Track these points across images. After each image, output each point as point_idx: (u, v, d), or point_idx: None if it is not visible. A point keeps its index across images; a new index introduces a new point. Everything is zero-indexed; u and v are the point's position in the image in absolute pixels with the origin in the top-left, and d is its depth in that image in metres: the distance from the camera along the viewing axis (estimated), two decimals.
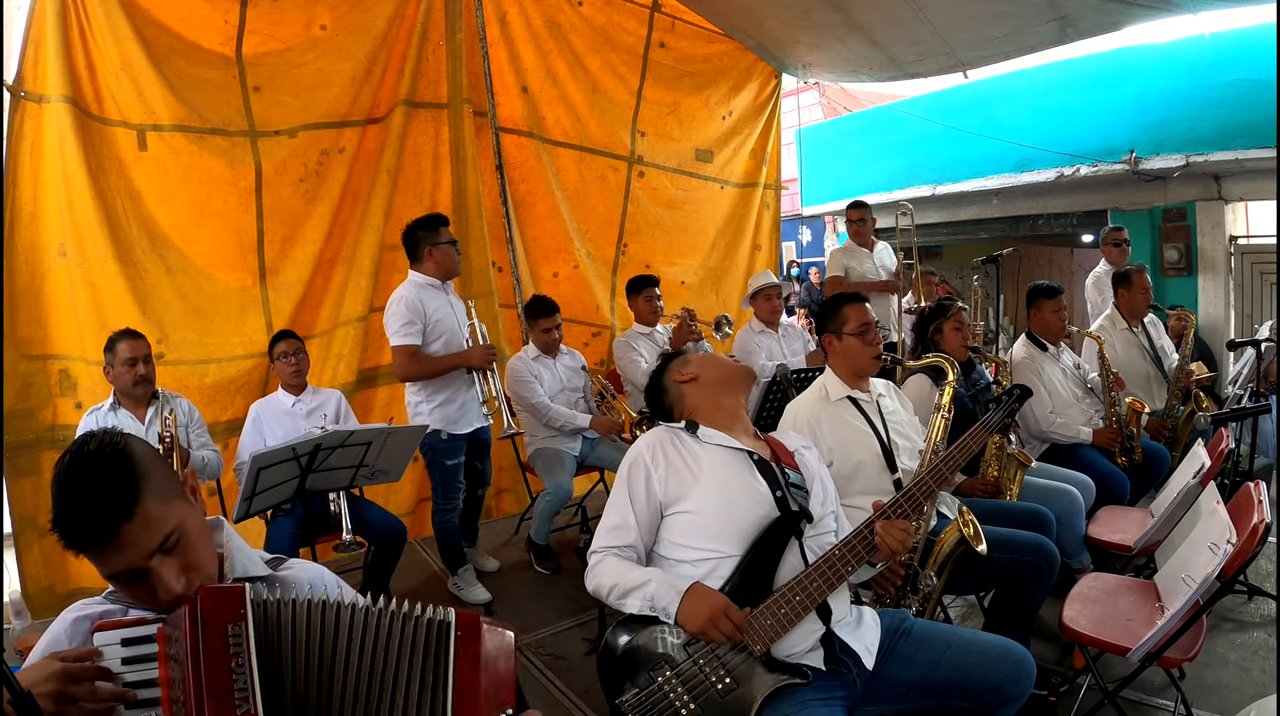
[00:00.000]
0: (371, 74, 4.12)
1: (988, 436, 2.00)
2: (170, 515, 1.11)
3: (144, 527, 1.08)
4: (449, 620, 1.14)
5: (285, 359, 3.35)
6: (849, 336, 2.53)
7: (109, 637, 1.08)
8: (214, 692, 1.01)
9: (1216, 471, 2.79)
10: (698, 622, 1.57)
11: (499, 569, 3.92)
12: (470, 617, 1.16)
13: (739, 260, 5.75)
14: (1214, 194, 6.60)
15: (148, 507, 1.08)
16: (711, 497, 1.72)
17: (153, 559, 1.09)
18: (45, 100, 3.30)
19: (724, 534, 1.69)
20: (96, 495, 1.05)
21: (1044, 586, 2.35)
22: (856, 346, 2.52)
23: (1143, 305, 4.05)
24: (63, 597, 3.34)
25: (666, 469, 1.77)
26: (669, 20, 5.18)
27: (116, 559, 1.08)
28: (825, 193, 9.84)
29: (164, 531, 1.10)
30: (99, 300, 3.46)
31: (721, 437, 1.83)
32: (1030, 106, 7.37)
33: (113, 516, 1.06)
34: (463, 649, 1.13)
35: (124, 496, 1.07)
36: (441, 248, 3.37)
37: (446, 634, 1.13)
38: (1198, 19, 4.51)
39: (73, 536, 1.06)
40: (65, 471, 1.08)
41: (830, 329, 2.58)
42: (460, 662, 1.12)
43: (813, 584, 1.63)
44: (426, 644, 1.12)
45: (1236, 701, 2.49)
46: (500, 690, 1.15)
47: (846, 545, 1.67)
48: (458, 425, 3.42)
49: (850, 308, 2.57)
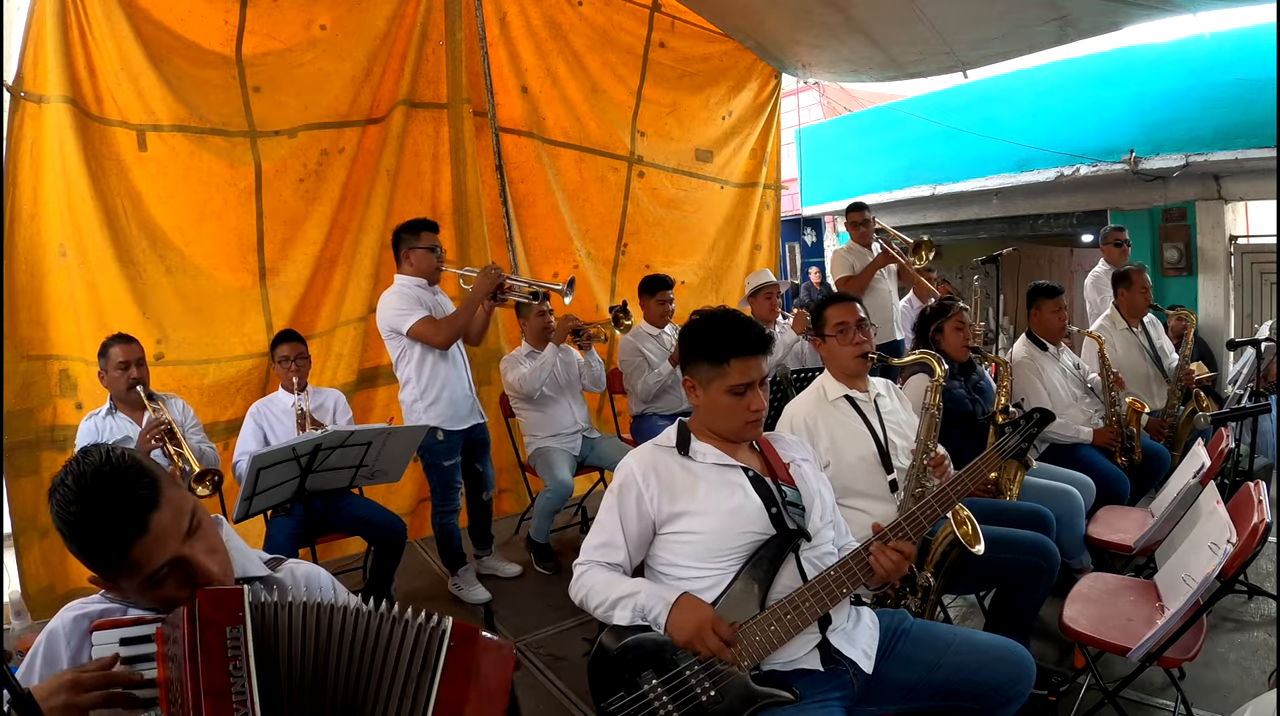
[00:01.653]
0: (371, 74, 4.12)
1: (1001, 462, 1.92)
2: (185, 497, 1.15)
3: (171, 513, 1.10)
4: (445, 627, 1.13)
5: (286, 363, 3.34)
6: (830, 337, 2.54)
7: (107, 637, 1.08)
8: (212, 693, 1.01)
9: (1216, 471, 2.79)
10: (685, 634, 1.56)
11: (521, 573, 3.85)
12: (467, 628, 1.14)
13: (739, 260, 5.75)
14: (1214, 194, 6.60)
15: (169, 494, 1.11)
16: (708, 520, 1.69)
17: (185, 544, 1.12)
18: (45, 100, 3.30)
19: (722, 554, 1.68)
20: (119, 494, 1.07)
21: (1044, 586, 2.36)
22: (837, 346, 2.52)
23: (1143, 304, 4.05)
24: (62, 597, 3.33)
25: (659, 489, 1.73)
26: (669, 20, 5.18)
27: (155, 552, 1.09)
28: (825, 192, 9.85)
29: (188, 511, 1.13)
30: (99, 300, 3.46)
31: (716, 455, 1.78)
32: (1030, 106, 7.37)
33: (142, 507, 1.08)
34: (454, 658, 1.11)
35: (148, 487, 1.10)
36: (418, 251, 3.39)
37: (440, 642, 1.12)
38: (1198, 19, 4.51)
39: (105, 537, 1.07)
40: (77, 490, 1.07)
41: (817, 331, 2.60)
42: (448, 671, 1.11)
43: (805, 603, 1.61)
44: (414, 651, 1.12)
45: (1237, 701, 2.48)
46: (490, 704, 1.13)
47: (843, 566, 1.65)
48: (452, 422, 3.42)
49: (831, 308, 2.57)
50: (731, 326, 1.76)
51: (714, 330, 1.77)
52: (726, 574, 1.67)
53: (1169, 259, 6.85)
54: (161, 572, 1.11)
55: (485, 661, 1.14)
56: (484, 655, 1.14)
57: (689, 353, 1.80)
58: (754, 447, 1.87)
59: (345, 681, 1.11)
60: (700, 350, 1.77)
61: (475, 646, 1.13)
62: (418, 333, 3.28)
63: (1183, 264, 6.82)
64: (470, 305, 3.36)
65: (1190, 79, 6.27)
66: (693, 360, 1.79)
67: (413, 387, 3.41)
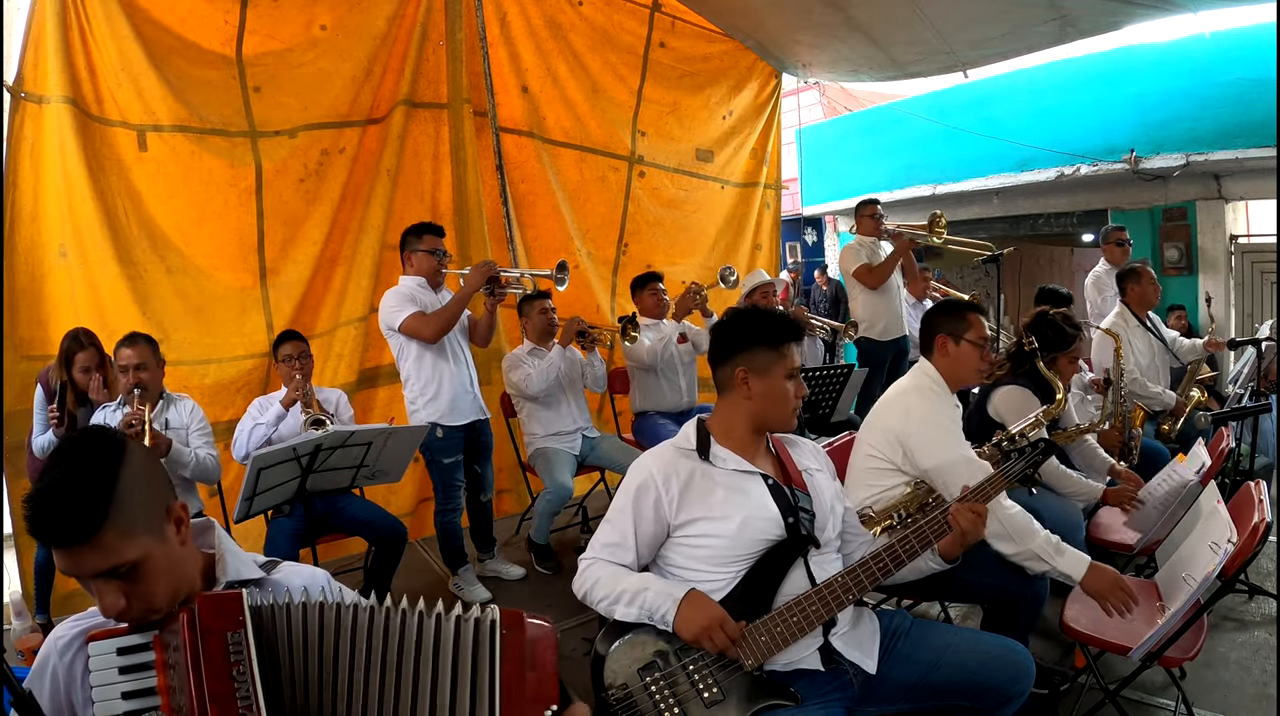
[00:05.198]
0: (372, 74, 4.12)
1: (1007, 484, 1.88)
2: (127, 549, 1.06)
3: (96, 552, 1.04)
4: (493, 617, 1.12)
5: (289, 362, 3.33)
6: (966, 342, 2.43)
7: (104, 647, 1.07)
8: (217, 699, 1.01)
9: (1217, 470, 2.79)
10: (693, 630, 1.56)
11: (525, 576, 3.84)
12: (513, 614, 1.14)
13: (739, 260, 5.73)
14: (1214, 193, 6.60)
15: (106, 538, 1.04)
16: (725, 525, 1.68)
17: (96, 579, 1.06)
18: (45, 101, 3.30)
19: (735, 559, 1.68)
20: (67, 505, 1.03)
21: (1032, 611, 2.28)
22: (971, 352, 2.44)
23: (1153, 295, 4.08)
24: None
25: (679, 492, 1.71)
26: (669, 20, 5.18)
27: (64, 563, 1.05)
28: (825, 192, 9.84)
29: (113, 562, 1.06)
30: (99, 301, 3.46)
31: (736, 461, 1.77)
32: (1030, 106, 7.37)
33: (77, 532, 1.03)
34: (508, 645, 1.11)
35: (88, 521, 1.03)
36: (419, 254, 3.43)
37: (492, 631, 1.11)
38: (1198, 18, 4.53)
39: (35, 529, 1.04)
40: (54, 460, 1.06)
41: (952, 335, 2.42)
42: (506, 656, 1.10)
43: (811, 607, 1.61)
44: (475, 641, 1.11)
45: (1237, 701, 2.49)
46: (546, 684, 1.13)
47: (850, 574, 1.65)
48: (450, 417, 3.43)
49: (975, 314, 2.44)
50: (779, 315, 1.82)
51: (767, 318, 1.80)
52: (737, 577, 1.67)
53: (1169, 258, 6.85)
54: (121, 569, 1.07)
55: (537, 641, 1.14)
56: (533, 634, 1.13)
57: (743, 342, 1.79)
58: (770, 451, 1.86)
59: (366, 677, 1.10)
60: (758, 337, 1.78)
61: (524, 628, 1.13)
62: (408, 327, 3.31)
63: (1183, 263, 6.82)
64: (462, 298, 3.36)
65: (1190, 78, 6.27)
66: (748, 348, 1.78)
67: (412, 384, 3.44)
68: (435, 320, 3.33)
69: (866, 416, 2.53)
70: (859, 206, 5.04)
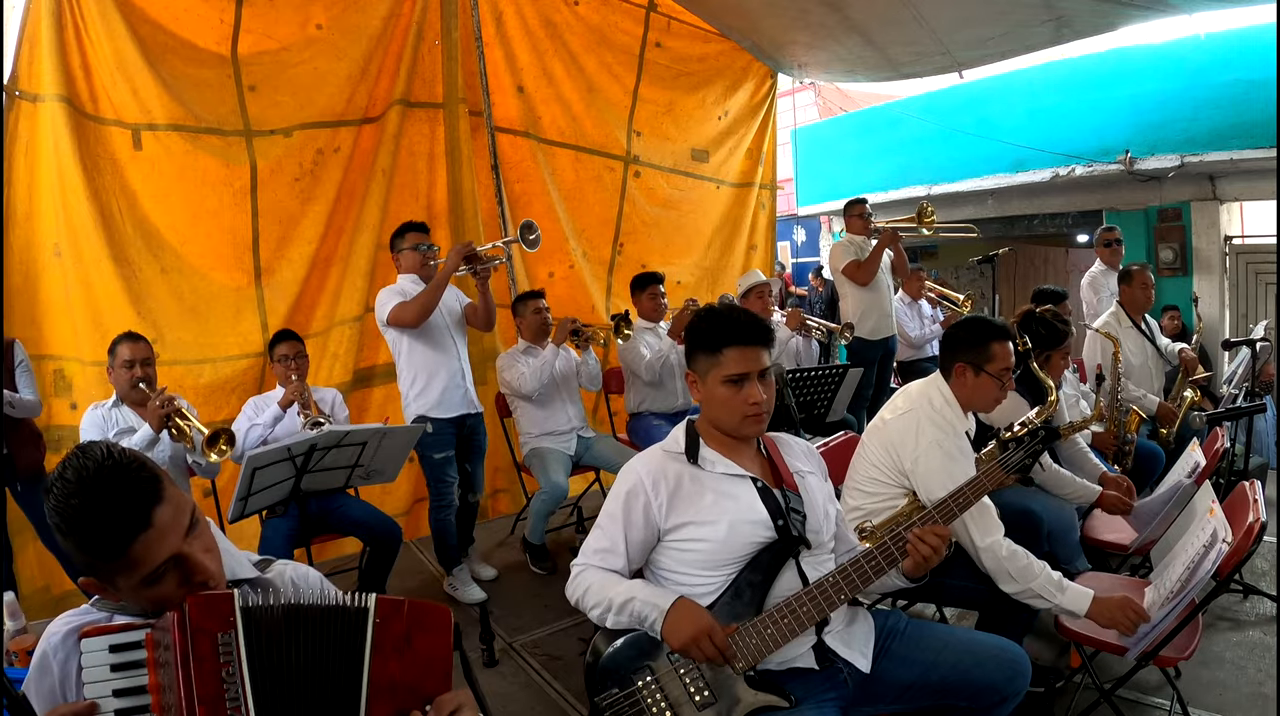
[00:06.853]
0: (367, 73, 4.11)
1: (1005, 477, 1.87)
2: (184, 496, 1.14)
3: (173, 510, 1.09)
4: (368, 605, 1.14)
5: (285, 362, 3.33)
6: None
7: (96, 644, 1.06)
8: (205, 701, 1.01)
9: (1212, 471, 2.80)
10: (680, 639, 1.55)
11: (496, 577, 3.83)
12: (392, 601, 1.16)
13: (735, 260, 5.75)
14: (1209, 194, 6.62)
15: (170, 491, 1.10)
16: (715, 529, 1.67)
17: (185, 541, 1.11)
18: (40, 99, 3.29)
19: (725, 563, 1.67)
20: (122, 487, 1.06)
21: (1028, 611, 2.23)
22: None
23: (1143, 300, 4.10)
24: (58, 599, 3.33)
25: (668, 497, 1.70)
26: (665, 20, 5.18)
27: (157, 548, 1.07)
28: (821, 192, 9.84)
29: (188, 509, 1.13)
30: (94, 300, 3.45)
31: (726, 465, 1.74)
32: (1026, 107, 7.38)
33: (145, 501, 1.07)
34: (380, 633, 1.12)
35: (151, 482, 1.09)
36: (405, 252, 3.45)
37: (364, 620, 1.13)
38: (1193, 19, 4.54)
39: (107, 531, 1.05)
40: (78, 483, 1.06)
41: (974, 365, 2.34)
42: (376, 645, 1.12)
43: (803, 608, 1.60)
44: (351, 631, 1.13)
45: (1232, 700, 2.50)
46: (426, 671, 1.15)
47: (842, 573, 1.64)
48: (440, 408, 3.43)
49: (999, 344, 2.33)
50: (725, 316, 1.74)
51: (709, 321, 1.75)
52: (728, 580, 1.67)
53: (1164, 259, 6.87)
54: (161, 570, 1.09)
55: (416, 633, 1.14)
56: (415, 627, 1.14)
57: (689, 347, 1.77)
58: (761, 451, 1.84)
59: (337, 677, 1.10)
60: (697, 341, 1.75)
61: (401, 619, 1.14)
62: (393, 317, 3.33)
63: (1178, 264, 6.84)
64: (441, 279, 3.32)
65: (1185, 79, 6.29)
66: (692, 353, 1.76)
67: (404, 377, 3.46)
68: (415, 304, 3.31)
69: (872, 421, 2.49)
70: (848, 206, 5.05)
